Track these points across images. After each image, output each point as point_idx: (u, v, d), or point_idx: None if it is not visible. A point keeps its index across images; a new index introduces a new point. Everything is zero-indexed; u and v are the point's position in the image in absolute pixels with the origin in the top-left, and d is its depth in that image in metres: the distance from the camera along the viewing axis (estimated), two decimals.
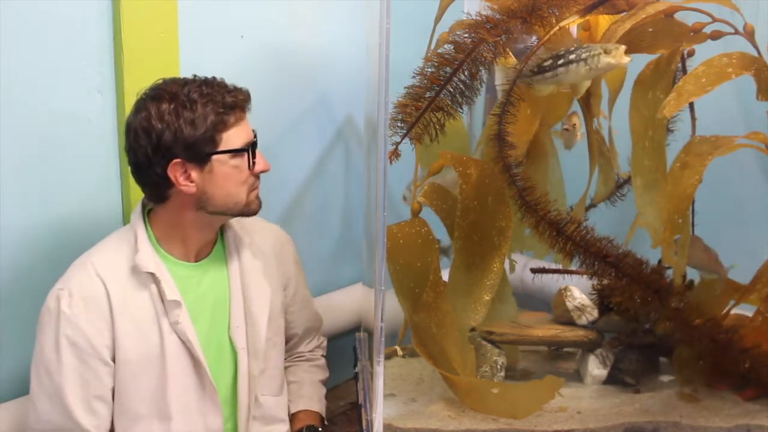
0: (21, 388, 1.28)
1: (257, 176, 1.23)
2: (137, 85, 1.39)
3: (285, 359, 1.44)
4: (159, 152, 1.13)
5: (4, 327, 1.29)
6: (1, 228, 1.26)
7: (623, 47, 1.29)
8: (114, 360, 1.17)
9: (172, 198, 1.19)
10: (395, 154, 1.24)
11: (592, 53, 1.30)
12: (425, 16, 1.60)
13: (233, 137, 1.17)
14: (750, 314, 1.47)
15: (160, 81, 1.18)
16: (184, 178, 1.15)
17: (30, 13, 1.26)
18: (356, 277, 2.00)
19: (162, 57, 1.44)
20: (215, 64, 1.37)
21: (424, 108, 1.26)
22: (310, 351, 1.51)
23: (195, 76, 1.19)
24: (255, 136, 1.22)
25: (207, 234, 1.26)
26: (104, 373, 1.16)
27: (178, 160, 1.14)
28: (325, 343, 1.56)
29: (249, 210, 1.23)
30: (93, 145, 1.38)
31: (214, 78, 1.20)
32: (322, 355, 1.54)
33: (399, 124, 1.25)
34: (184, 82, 1.17)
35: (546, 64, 1.34)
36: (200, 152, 1.14)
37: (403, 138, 1.26)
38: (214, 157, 1.16)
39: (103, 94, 1.38)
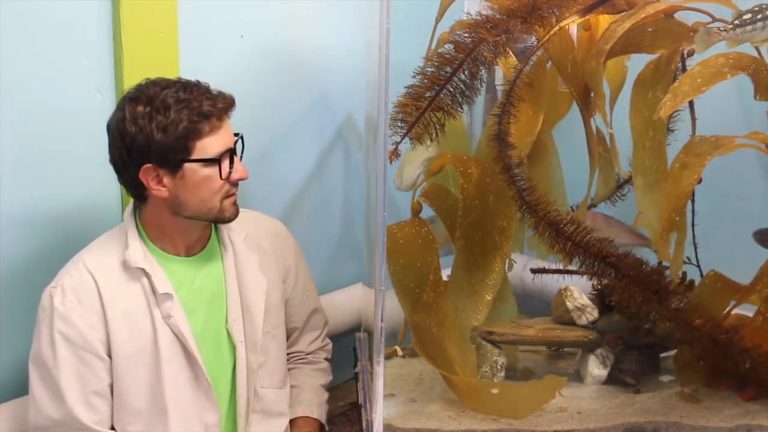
0: (21, 388, 1.28)
1: (234, 184, 1.21)
2: None
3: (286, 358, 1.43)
4: (132, 155, 1.13)
5: (3, 326, 1.29)
6: (1, 227, 1.26)
7: None
8: (110, 355, 1.18)
9: (150, 198, 1.20)
10: (395, 154, 1.24)
11: None
12: (425, 16, 1.60)
13: (208, 145, 1.15)
14: (750, 314, 1.47)
15: (144, 81, 1.17)
16: (155, 183, 1.15)
17: (30, 13, 1.25)
18: (356, 277, 2.00)
19: (162, 57, 1.44)
20: (215, 64, 1.37)
21: (425, 108, 1.26)
22: (312, 352, 1.49)
23: (180, 78, 1.18)
24: (236, 143, 1.20)
25: (192, 234, 1.25)
26: (100, 369, 1.17)
27: (150, 165, 1.13)
28: (329, 346, 1.53)
29: (223, 217, 1.22)
30: (92, 145, 1.37)
31: (198, 82, 1.17)
32: (326, 359, 1.52)
33: (399, 124, 1.25)
34: (165, 85, 1.15)
35: (746, 17, 1.30)
36: (172, 158, 1.13)
37: (403, 138, 1.26)
38: (186, 164, 1.14)
39: (103, 94, 1.38)
